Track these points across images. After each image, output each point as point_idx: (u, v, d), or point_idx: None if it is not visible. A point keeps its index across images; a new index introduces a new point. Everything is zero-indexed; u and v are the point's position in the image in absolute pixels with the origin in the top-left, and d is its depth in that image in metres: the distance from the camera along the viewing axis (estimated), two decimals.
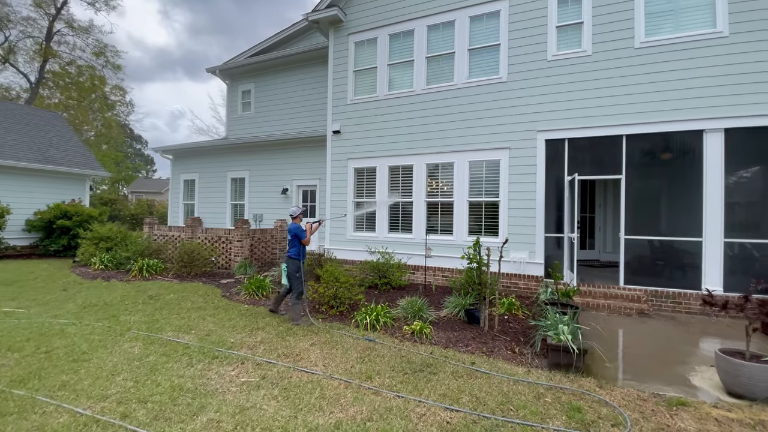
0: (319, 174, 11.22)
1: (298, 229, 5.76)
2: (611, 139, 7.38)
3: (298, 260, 5.73)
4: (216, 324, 5.46)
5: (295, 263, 5.70)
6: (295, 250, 5.74)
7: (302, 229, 5.78)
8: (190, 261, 9.13)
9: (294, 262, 5.70)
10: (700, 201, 6.79)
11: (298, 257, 5.73)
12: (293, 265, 5.70)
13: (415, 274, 8.85)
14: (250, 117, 13.92)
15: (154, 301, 6.74)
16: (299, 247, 5.78)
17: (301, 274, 5.71)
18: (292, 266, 5.70)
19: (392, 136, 9.29)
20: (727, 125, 6.60)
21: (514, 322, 5.85)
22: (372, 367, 4.07)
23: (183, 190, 14.23)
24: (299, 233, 5.74)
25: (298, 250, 5.76)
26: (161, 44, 76.53)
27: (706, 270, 6.68)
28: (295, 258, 5.72)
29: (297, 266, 5.69)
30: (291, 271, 5.68)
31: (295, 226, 5.79)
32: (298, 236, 5.74)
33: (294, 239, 5.76)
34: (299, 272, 5.68)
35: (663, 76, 6.99)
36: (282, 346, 4.63)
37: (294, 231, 5.75)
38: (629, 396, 3.56)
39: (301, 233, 5.75)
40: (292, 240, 5.78)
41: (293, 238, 5.76)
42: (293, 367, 4.00)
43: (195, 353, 4.35)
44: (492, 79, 8.30)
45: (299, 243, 5.77)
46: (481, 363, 4.25)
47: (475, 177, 8.47)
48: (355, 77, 9.86)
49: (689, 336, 5.50)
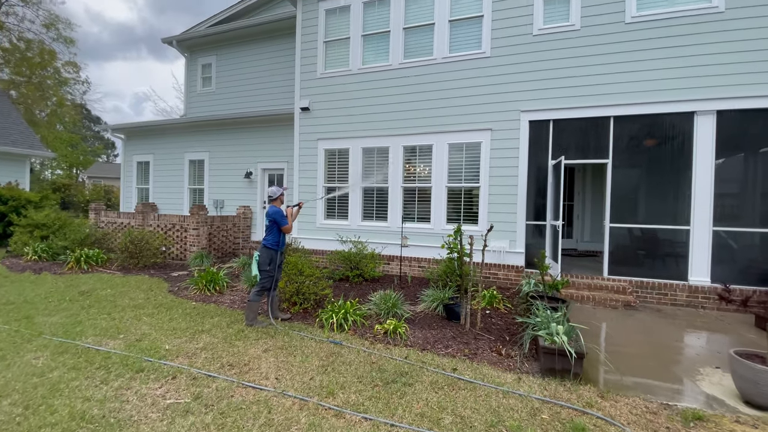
0: (286, 156, 10.29)
1: (278, 214, 4.79)
2: (598, 121, 6.91)
3: (274, 250, 4.81)
4: (152, 326, 4.60)
5: (268, 253, 4.78)
6: (273, 239, 4.80)
7: (283, 214, 4.83)
8: (137, 251, 8.09)
9: (268, 252, 4.79)
10: (689, 187, 6.45)
11: (274, 247, 4.80)
12: (266, 255, 4.78)
13: (390, 264, 8.20)
14: (210, 93, 12.70)
15: (85, 297, 5.76)
16: (278, 235, 4.83)
17: (274, 267, 4.80)
18: (264, 256, 4.78)
19: (366, 115, 8.50)
20: (720, 107, 6.24)
21: (497, 317, 5.31)
22: (336, 378, 3.37)
23: (136, 173, 12.90)
24: (279, 219, 4.77)
25: (276, 238, 4.81)
26: (122, 20, 71.26)
27: (694, 260, 6.37)
28: (270, 247, 4.79)
29: (270, 257, 4.78)
30: (262, 261, 4.77)
31: (275, 210, 4.82)
32: (278, 222, 4.78)
33: (272, 225, 4.80)
34: (271, 264, 4.77)
35: (654, 53, 6.53)
36: (228, 353, 3.85)
37: (273, 216, 4.78)
38: (637, 408, 3.05)
39: (281, 219, 4.78)
40: (270, 226, 4.82)
41: (271, 224, 4.80)
42: (237, 382, 3.24)
43: (115, 365, 3.51)
44: (474, 54, 7.62)
45: (278, 230, 4.82)
46: (463, 369, 3.64)
47: (455, 161, 7.85)
48: (326, 48, 8.94)
49: (682, 331, 5.13)
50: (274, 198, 4.93)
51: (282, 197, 5.01)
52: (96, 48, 60.99)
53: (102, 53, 66.15)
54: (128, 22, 71.69)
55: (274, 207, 4.87)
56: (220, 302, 5.68)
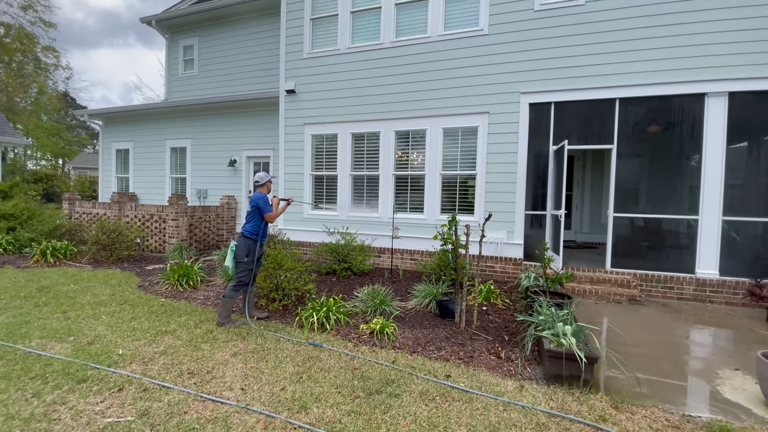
0: (272, 143, 9.73)
1: (262, 200, 4.29)
2: (603, 103, 6.46)
3: (253, 240, 4.28)
4: (110, 326, 4.10)
5: (246, 243, 4.25)
6: (252, 226, 4.29)
7: (267, 200, 4.33)
8: (110, 243, 7.54)
9: (246, 242, 4.25)
10: (698, 175, 6.04)
11: (254, 236, 4.28)
12: (244, 245, 4.23)
13: (380, 257, 7.74)
14: (193, 77, 12.02)
15: (43, 293, 5.23)
16: (260, 222, 4.31)
17: (253, 259, 4.27)
18: (242, 246, 4.23)
19: (356, 98, 7.95)
20: (732, 88, 5.81)
21: (495, 314, 4.89)
22: (311, 388, 2.92)
23: (115, 161, 12.26)
24: (261, 205, 4.27)
25: (257, 227, 4.30)
26: (107, 6, 69.01)
27: (701, 251, 5.99)
28: (249, 236, 4.26)
29: (248, 248, 4.25)
30: (239, 252, 4.22)
31: (259, 195, 4.33)
32: (260, 208, 4.27)
33: (254, 212, 4.30)
34: (249, 255, 4.24)
35: (663, 30, 6.06)
36: (191, 358, 3.38)
37: (256, 201, 4.29)
38: (657, 422, 2.64)
39: (264, 205, 4.27)
40: (251, 212, 4.32)
41: (253, 209, 4.30)
42: (195, 394, 2.78)
43: (55, 374, 3.02)
44: (471, 32, 7.10)
45: (260, 217, 4.31)
46: (458, 375, 3.21)
47: (450, 147, 7.36)
48: (313, 26, 8.35)
49: (693, 327, 4.75)
50: (260, 184, 4.42)
51: (269, 185, 4.51)
52: (81, 35, 59.09)
53: (87, 40, 64.14)
54: (114, 9, 69.50)
55: (258, 192, 4.37)
56: (192, 298, 5.19)
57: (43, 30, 28.55)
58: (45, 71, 31.04)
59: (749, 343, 4.27)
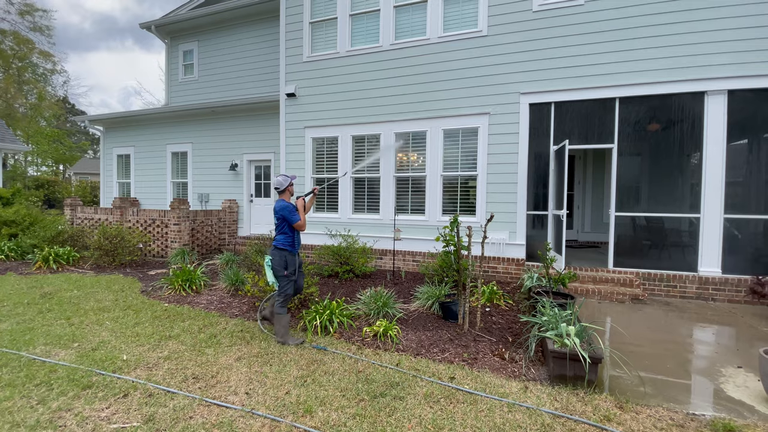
0: (273, 147, 9.75)
1: (287, 209, 3.94)
2: (603, 103, 6.47)
3: (289, 252, 3.98)
4: (114, 332, 4.11)
5: (282, 256, 3.95)
6: (284, 237, 3.98)
7: (293, 209, 3.98)
8: (113, 248, 7.56)
9: (281, 255, 3.95)
10: (699, 173, 6.05)
11: (288, 247, 3.98)
12: (279, 258, 3.94)
13: (382, 259, 7.75)
14: (193, 82, 12.06)
15: (46, 300, 5.24)
16: (291, 233, 4.01)
17: (293, 270, 4.00)
18: (278, 260, 3.94)
19: (356, 100, 7.98)
20: (732, 86, 5.81)
21: (498, 315, 4.89)
22: (316, 392, 2.92)
23: (117, 166, 12.29)
24: (288, 215, 3.92)
25: (289, 237, 3.99)
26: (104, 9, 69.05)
27: (704, 249, 5.99)
28: (283, 248, 3.96)
29: (285, 260, 3.95)
30: (276, 266, 3.94)
31: (283, 205, 3.98)
32: (287, 219, 3.94)
33: (282, 223, 3.98)
34: (288, 268, 3.95)
35: (663, 29, 6.07)
36: (195, 363, 3.39)
37: (281, 211, 3.94)
38: (662, 421, 2.64)
39: (291, 215, 3.93)
40: (279, 224, 3.99)
41: (280, 221, 3.98)
42: (200, 399, 2.78)
43: (60, 380, 3.03)
44: (470, 33, 7.12)
45: (290, 227, 3.99)
46: (462, 377, 3.21)
47: (451, 148, 7.38)
48: (312, 30, 8.38)
49: (696, 326, 4.75)
50: (281, 190, 4.06)
51: (291, 188, 4.16)
52: (78, 39, 59.05)
53: (84, 44, 64.05)
54: (110, 12, 69.53)
55: (281, 201, 4.03)
56: (195, 303, 5.19)
57: (41, 35, 28.68)
58: (44, 77, 31.14)
59: (752, 340, 4.27)
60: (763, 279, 5.44)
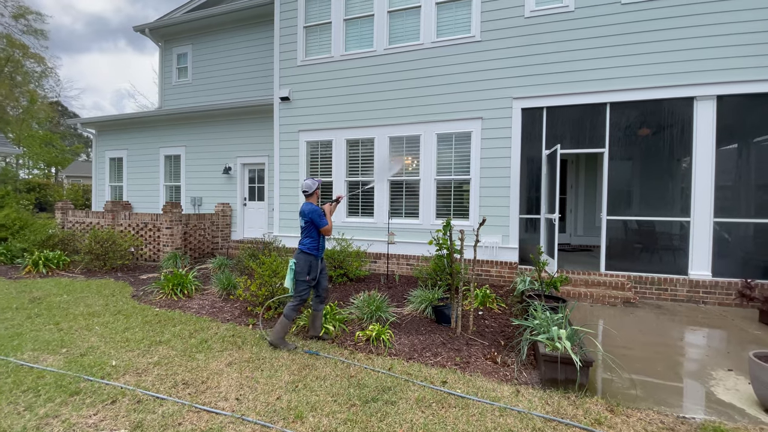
0: (267, 150, 9.74)
1: (315, 213, 3.88)
2: (594, 108, 6.54)
3: (314, 256, 3.92)
4: (104, 337, 4.06)
5: (307, 260, 3.88)
6: (311, 241, 3.91)
7: (321, 213, 3.93)
8: (104, 252, 7.48)
9: (306, 258, 3.88)
10: (689, 177, 6.13)
11: (313, 252, 3.91)
12: (304, 262, 3.87)
13: (377, 262, 7.74)
14: (187, 85, 12.03)
15: (35, 304, 5.17)
16: (317, 237, 3.95)
17: (315, 276, 3.94)
18: (302, 263, 3.86)
19: (350, 104, 8.00)
20: (720, 92, 5.91)
21: (491, 319, 4.90)
22: (307, 397, 2.91)
23: (109, 169, 12.19)
24: (316, 218, 3.87)
25: (316, 242, 3.93)
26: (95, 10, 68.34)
27: (694, 253, 6.06)
28: (309, 252, 3.90)
29: (309, 264, 3.88)
30: (299, 270, 3.86)
31: (313, 208, 3.91)
32: (315, 222, 3.88)
33: (309, 226, 3.91)
34: (311, 273, 3.89)
35: (652, 35, 6.17)
36: (185, 368, 3.35)
37: (309, 214, 3.88)
38: (652, 424, 2.65)
39: (319, 218, 3.88)
40: (306, 227, 3.93)
41: (308, 224, 3.91)
42: (189, 405, 2.76)
43: (48, 386, 2.98)
44: (463, 38, 7.18)
45: (316, 231, 3.94)
46: (454, 381, 3.21)
47: (444, 152, 7.41)
48: (306, 34, 8.41)
49: (687, 329, 4.79)
50: (309, 193, 4.02)
51: (318, 192, 4.14)
52: (69, 40, 58.48)
53: (76, 45, 63.41)
54: (102, 13, 68.90)
55: (309, 204, 3.96)
56: (187, 308, 5.15)
57: (35, 39, 28.45)
58: (36, 80, 30.87)
59: (742, 343, 4.31)
60: (751, 282, 5.50)
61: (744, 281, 5.57)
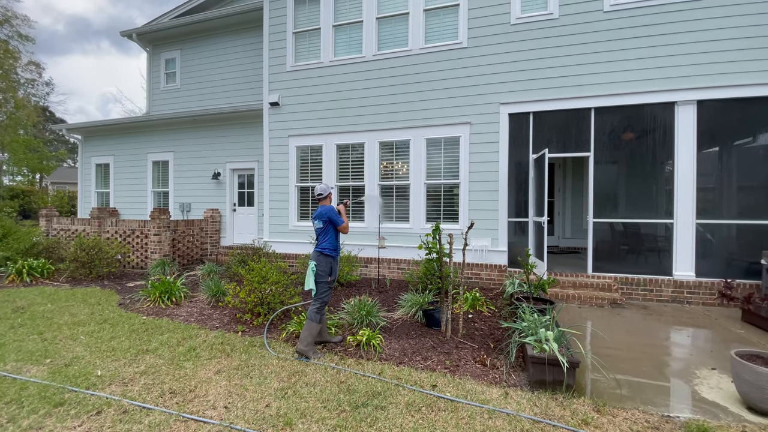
0: (257, 155, 9.70)
1: (333, 212, 4.02)
2: (579, 112, 6.67)
3: (333, 257, 4.01)
4: (89, 346, 3.99)
5: (327, 262, 3.95)
6: (330, 243, 3.99)
7: (336, 212, 4.06)
8: (90, 260, 7.35)
9: (327, 260, 3.95)
10: (672, 180, 6.27)
11: (333, 253, 4.00)
12: (325, 263, 3.93)
13: (368, 267, 7.74)
14: (175, 90, 11.94)
15: (18, 314, 5.06)
16: (335, 236, 4.05)
17: (335, 278, 4.05)
18: (323, 265, 3.92)
19: (340, 110, 8.03)
20: (700, 97, 6.08)
21: (480, 322, 4.93)
22: (296, 404, 2.89)
23: (95, 176, 12.01)
24: (334, 217, 3.99)
25: (334, 242, 4.02)
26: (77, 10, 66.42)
27: (678, 254, 6.19)
28: (330, 254, 3.97)
29: (330, 266, 3.97)
30: (320, 272, 3.90)
31: (328, 209, 4.03)
32: (333, 222, 3.99)
33: (327, 226, 4.01)
34: (332, 274, 3.99)
35: (634, 42, 6.33)
36: (173, 377, 3.31)
37: (327, 213, 4.00)
38: (638, 423, 2.70)
39: (337, 218, 4.00)
40: (323, 228, 4.01)
41: (326, 225, 4.01)
42: (177, 415, 2.72)
43: (31, 398, 2.92)
44: (451, 45, 7.27)
45: (335, 231, 4.04)
46: (444, 385, 3.23)
47: (434, 157, 7.47)
48: (296, 40, 8.43)
49: (672, 329, 4.88)
50: (324, 196, 4.16)
51: (331, 196, 4.28)
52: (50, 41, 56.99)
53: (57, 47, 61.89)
54: (84, 13, 67.25)
55: (324, 206, 4.09)
56: (175, 315, 5.09)
57: (20, 44, 27.94)
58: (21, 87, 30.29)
59: (726, 342, 4.41)
60: (732, 282, 5.64)
61: (725, 281, 5.71)
